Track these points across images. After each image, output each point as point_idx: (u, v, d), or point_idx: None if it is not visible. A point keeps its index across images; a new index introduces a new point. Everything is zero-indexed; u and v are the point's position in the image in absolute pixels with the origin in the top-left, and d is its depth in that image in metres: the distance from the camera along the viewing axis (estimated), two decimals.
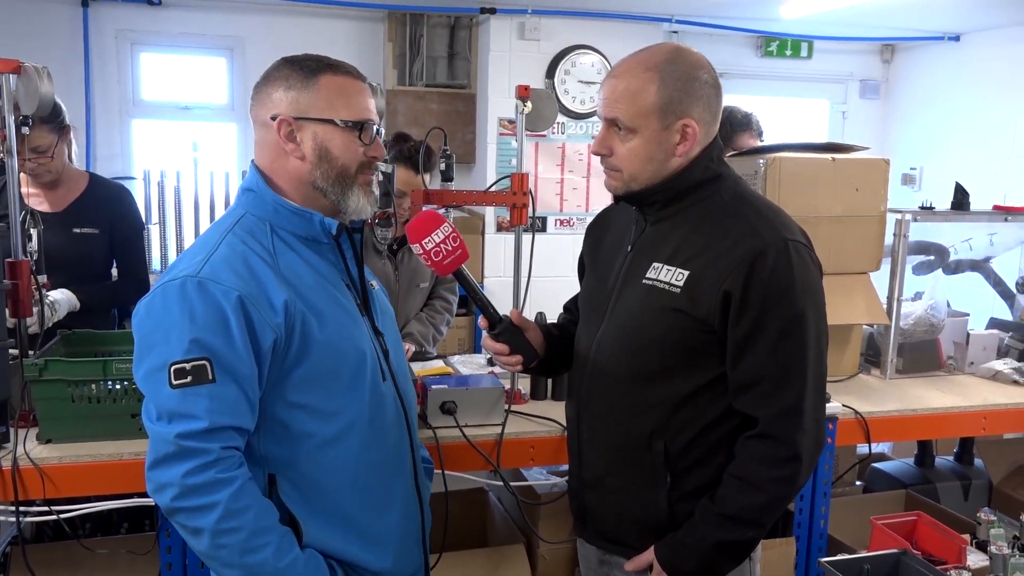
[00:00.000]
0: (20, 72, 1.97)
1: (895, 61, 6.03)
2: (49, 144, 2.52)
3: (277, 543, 1.33)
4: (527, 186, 2.22)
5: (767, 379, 1.45)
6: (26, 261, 2.05)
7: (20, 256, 2.04)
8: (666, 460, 1.53)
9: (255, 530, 1.31)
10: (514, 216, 2.23)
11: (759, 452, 1.46)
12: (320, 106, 1.44)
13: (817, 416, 1.48)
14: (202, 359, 1.30)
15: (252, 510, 1.31)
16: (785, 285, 1.44)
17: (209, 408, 1.30)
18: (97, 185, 2.74)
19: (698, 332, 1.48)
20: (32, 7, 4.59)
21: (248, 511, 1.31)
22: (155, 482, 1.32)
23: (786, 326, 1.44)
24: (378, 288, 1.68)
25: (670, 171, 1.53)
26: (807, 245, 1.51)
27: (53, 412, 1.92)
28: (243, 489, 1.31)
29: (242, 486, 1.31)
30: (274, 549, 1.32)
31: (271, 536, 1.33)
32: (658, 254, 1.55)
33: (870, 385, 2.68)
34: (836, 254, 2.53)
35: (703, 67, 1.53)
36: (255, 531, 1.31)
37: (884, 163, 2.59)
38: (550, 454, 2.19)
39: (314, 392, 1.41)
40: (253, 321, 1.34)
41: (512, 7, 4.90)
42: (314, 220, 1.46)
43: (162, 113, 4.96)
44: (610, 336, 1.60)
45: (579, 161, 5.21)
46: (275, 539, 1.33)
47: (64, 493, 1.88)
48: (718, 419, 1.52)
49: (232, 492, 1.29)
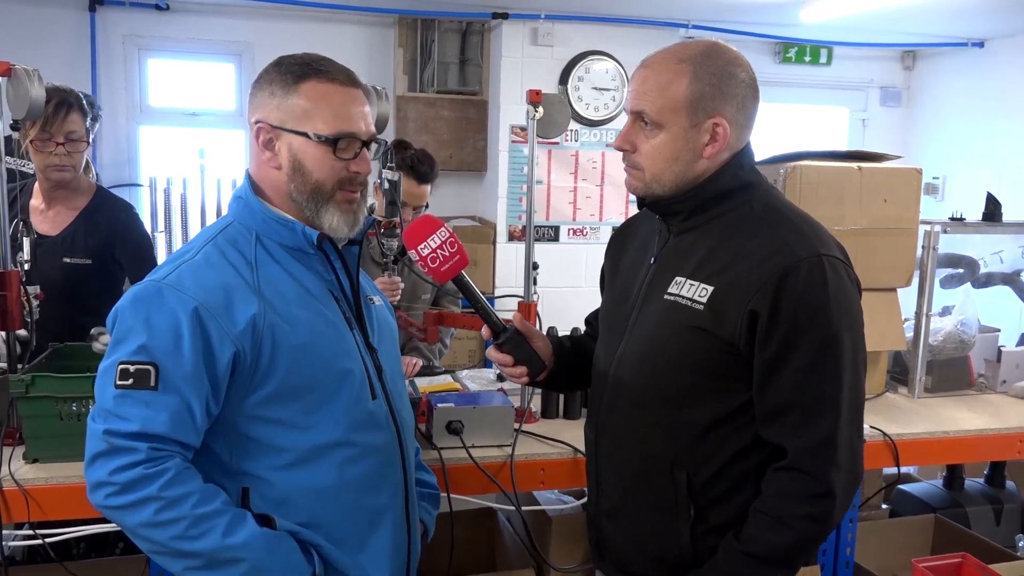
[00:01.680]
0: (10, 75, 1.88)
1: (917, 68, 5.91)
2: (82, 135, 2.44)
3: (225, 525, 1.26)
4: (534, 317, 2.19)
5: (797, 407, 1.34)
6: (15, 272, 1.97)
7: (9, 266, 1.95)
8: (689, 491, 1.42)
9: (197, 517, 1.25)
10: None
11: (788, 487, 1.35)
12: (297, 116, 1.37)
13: (853, 448, 1.36)
14: (147, 364, 1.26)
15: (191, 498, 1.26)
16: (818, 304, 1.33)
17: (144, 416, 1.26)
18: (100, 201, 2.59)
19: (723, 353, 1.37)
20: (40, 12, 4.55)
21: (186, 500, 1.25)
22: (89, 481, 1.27)
23: (819, 349, 1.33)
24: (381, 304, 1.59)
25: (696, 175, 1.43)
26: (844, 261, 1.39)
27: (40, 430, 1.85)
28: (176, 479, 1.25)
29: (175, 476, 1.25)
30: (222, 531, 1.26)
31: (217, 520, 1.26)
32: (681, 268, 1.44)
33: (898, 405, 2.58)
34: (862, 269, 2.39)
35: (741, 65, 1.42)
36: (197, 518, 1.25)
37: (915, 172, 2.48)
38: (562, 477, 2.09)
39: (287, 407, 1.35)
40: (210, 333, 1.29)
41: (525, 12, 4.82)
42: (296, 230, 1.39)
43: (169, 119, 4.90)
44: (630, 355, 1.49)
45: (593, 169, 5.11)
46: (222, 521, 1.27)
47: (50, 516, 1.80)
48: (746, 449, 1.40)
49: (163, 483, 1.24)
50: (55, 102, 2.33)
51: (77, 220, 2.53)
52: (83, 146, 2.45)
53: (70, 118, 2.38)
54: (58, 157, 2.39)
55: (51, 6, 4.55)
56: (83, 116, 2.44)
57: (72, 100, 2.41)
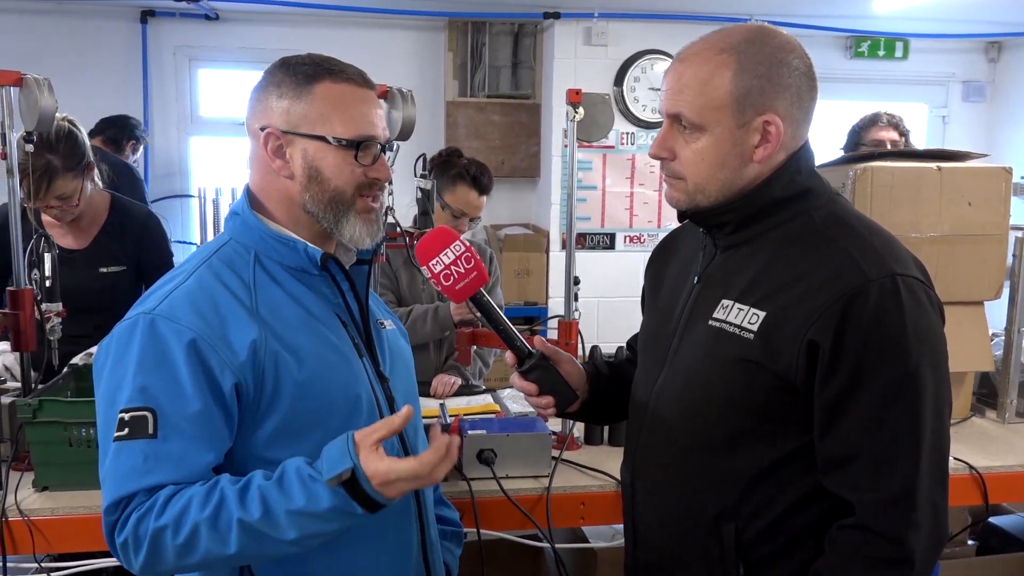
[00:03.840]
0: (21, 85, 1.81)
1: (1002, 60, 5.55)
2: (74, 190, 2.32)
3: (237, 504, 1.12)
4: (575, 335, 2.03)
5: (866, 455, 1.14)
6: (29, 290, 1.89)
7: (23, 284, 1.88)
8: (738, 548, 1.23)
9: (211, 517, 1.11)
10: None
11: (856, 549, 1.15)
12: (313, 120, 1.25)
13: (935, 505, 1.15)
14: (143, 410, 1.14)
15: (192, 504, 1.12)
16: (892, 334, 1.12)
17: (143, 469, 1.13)
18: (121, 212, 2.55)
19: (776, 390, 1.18)
20: (92, 24, 4.61)
21: (187, 510, 1.12)
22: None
23: (893, 387, 1.12)
24: (394, 328, 1.45)
25: (746, 182, 1.24)
26: (924, 282, 1.19)
27: (49, 457, 1.76)
28: (170, 498, 1.13)
29: (167, 498, 1.13)
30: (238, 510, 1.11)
31: (228, 507, 1.11)
32: (729, 289, 1.26)
33: (985, 431, 2.32)
34: (943, 281, 2.17)
35: (794, 51, 1.22)
36: (213, 517, 1.11)
37: (1005, 172, 2.22)
38: (604, 513, 1.91)
39: (295, 446, 1.20)
40: (211, 364, 1.16)
41: (577, 11, 4.66)
42: (298, 248, 1.27)
43: (220, 130, 4.90)
44: (669, 389, 1.31)
45: (650, 174, 4.91)
46: (233, 504, 1.12)
47: (56, 548, 1.73)
48: (805, 500, 1.21)
49: (157, 510, 1.12)
50: (40, 171, 2.18)
51: (104, 230, 2.49)
52: (75, 202, 2.34)
53: (55, 186, 2.25)
54: (55, 211, 2.33)
55: (103, 18, 4.61)
56: (76, 173, 2.30)
57: (56, 164, 2.24)
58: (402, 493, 1.13)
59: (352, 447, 1.11)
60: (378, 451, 1.11)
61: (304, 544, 1.13)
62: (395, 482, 1.11)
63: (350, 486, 1.09)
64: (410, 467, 1.11)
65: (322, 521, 1.11)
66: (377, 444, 1.11)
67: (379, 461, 1.10)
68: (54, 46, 4.51)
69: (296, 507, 1.10)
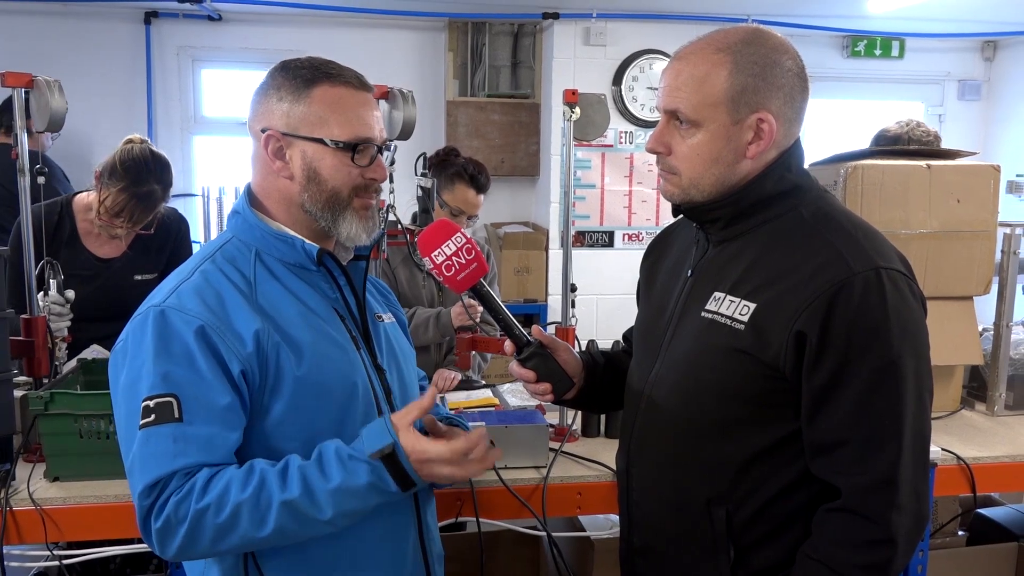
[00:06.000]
0: (32, 86, 1.86)
1: (998, 59, 5.57)
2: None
3: (278, 484, 1.17)
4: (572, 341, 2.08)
5: (852, 441, 1.18)
6: (42, 318, 1.95)
7: (37, 311, 1.93)
8: (729, 531, 1.27)
9: (253, 497, 1.15)
10: None
11: (842, 531, 1.19)
12: (311, 122, 1.29)
13: (916, 489, 1.19)
14: (167, 396, 1.18)
15: (232, 485, 1.17)
16: (876, 324, 1.17)
17: (173, 451, 1.17)
18: (155, 219, 2.58)
19: (766, 379, 1.22)
20: (95, 25, 4.63)
21: (227, 491, 1.16)
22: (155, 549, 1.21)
23: (877, 376, 1.17)
24: (392, 322, 1.49)
25: (738, 177, 1.29)
26: (907, 275, 1.23)
27: (60, 448, 1.81)
28: (210, 481, 1.17)
29: (207, 480, 1.17)
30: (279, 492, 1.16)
31: (270, 487, 1.16)
32: (720, 282, 1.30)
33: (974, 423, 2.36)
34: (932, 276, 2.24)
35: (787, 52, 1.27)
36: (255, 497, 1.16)
37: (992, 169, 2.26)
38: (599, 502, 1.95)
39: (297, 435, 1.26)
40: (220, 351, 1.21)
41: (576, 11, 4.70)
42: (296, 245, 1.32)
43: (223, 129, 4.93)
44: (664, 378, 1.36)
45: (648, 172, 4.94)
46: (274, 484, 1.17)
47: (67, 537, 1.77)
48: (793, 484, 1.25)
49: (198, 493, 1.16)
50: (144, 200, 2.38)
51: (139, 238, 2.55)
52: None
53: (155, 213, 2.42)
54: (117, 229, 2.43)
55: (107, 19, 4.64)
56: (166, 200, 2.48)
57: (159, 195, 2.44)
58: (435, 477, 1.20)
59: (391, 426, 1.17)
60: (414, 431, 1.18)
61: (337, 523, 1.18)
62: (429, 462, 1.18)
63: (389, 462, 1.16)
64: (442, 450, 1.18)
65: (358, 498, 1.17)
66: (411, 424, 1.18)
67: (416, 440, 1.18)
68: (59, 48, 4.54)
69: (334, 484, 1.16)
